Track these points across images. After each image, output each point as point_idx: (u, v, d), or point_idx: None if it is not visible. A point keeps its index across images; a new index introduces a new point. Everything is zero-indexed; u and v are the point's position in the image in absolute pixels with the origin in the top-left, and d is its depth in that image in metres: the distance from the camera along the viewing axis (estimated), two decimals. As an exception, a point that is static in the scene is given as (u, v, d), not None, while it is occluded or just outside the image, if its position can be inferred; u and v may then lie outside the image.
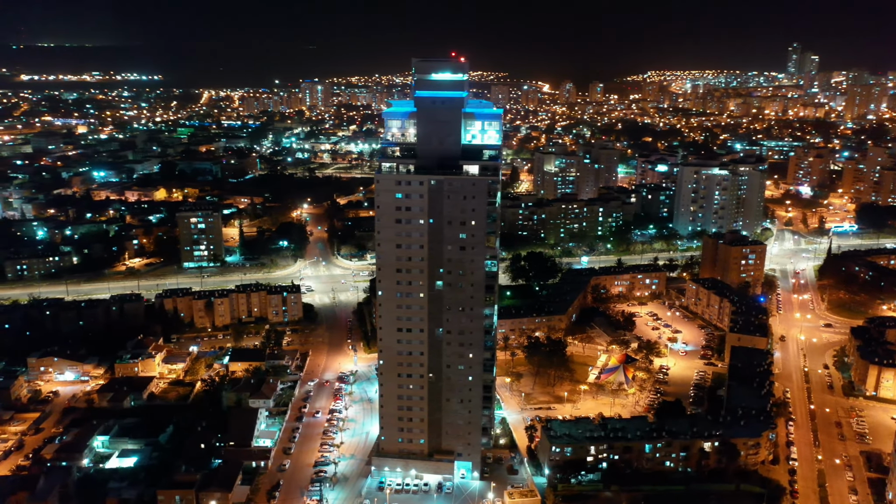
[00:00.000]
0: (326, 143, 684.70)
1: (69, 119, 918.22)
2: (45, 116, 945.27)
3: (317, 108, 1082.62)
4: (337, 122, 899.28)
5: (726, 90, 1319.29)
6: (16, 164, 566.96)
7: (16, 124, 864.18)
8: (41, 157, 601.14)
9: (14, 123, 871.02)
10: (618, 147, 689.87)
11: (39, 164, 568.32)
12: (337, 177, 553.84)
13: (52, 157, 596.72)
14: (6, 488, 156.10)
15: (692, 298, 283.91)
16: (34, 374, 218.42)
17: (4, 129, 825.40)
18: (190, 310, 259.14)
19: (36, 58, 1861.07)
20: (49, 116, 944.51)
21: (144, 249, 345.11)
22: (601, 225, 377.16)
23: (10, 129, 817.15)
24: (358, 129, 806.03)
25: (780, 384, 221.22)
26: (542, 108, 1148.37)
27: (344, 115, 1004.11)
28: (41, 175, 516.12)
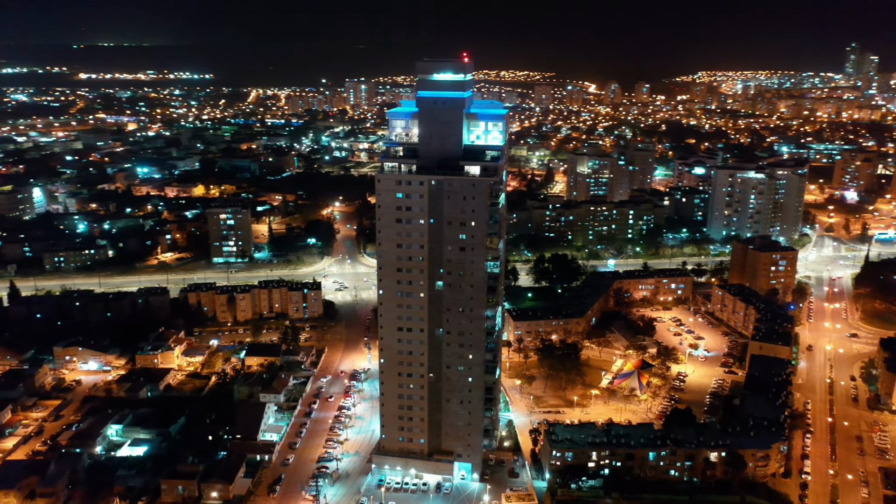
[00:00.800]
0: (365, 141, 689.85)
1: (121, 117, 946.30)
2: (98, 114, 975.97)
3: (360, 107, 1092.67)
4: (378, 122, 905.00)
5: (778, 91, 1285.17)
6: (66, 159, 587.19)
7: (70, 121, 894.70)
8: (90, 153, 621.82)
9: (69, 120, 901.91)
10: (659, 149, 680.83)
11: (88, 159, 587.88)
12: (371, 175, 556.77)
13: (100, 154, 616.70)
14: (18, 472, 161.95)
15: (718, 304, 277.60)
16: (59, 362, 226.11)
17: (60, 125, 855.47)
18: (213, 304, 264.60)
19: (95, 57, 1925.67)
20: (102, 114, 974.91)
21: (177, 244, 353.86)
22: (631, 228, 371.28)
23: (64, 126, 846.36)
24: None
25: (802, 395, 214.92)
26: (586, 108, 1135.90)
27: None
28: (88, 171, 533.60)
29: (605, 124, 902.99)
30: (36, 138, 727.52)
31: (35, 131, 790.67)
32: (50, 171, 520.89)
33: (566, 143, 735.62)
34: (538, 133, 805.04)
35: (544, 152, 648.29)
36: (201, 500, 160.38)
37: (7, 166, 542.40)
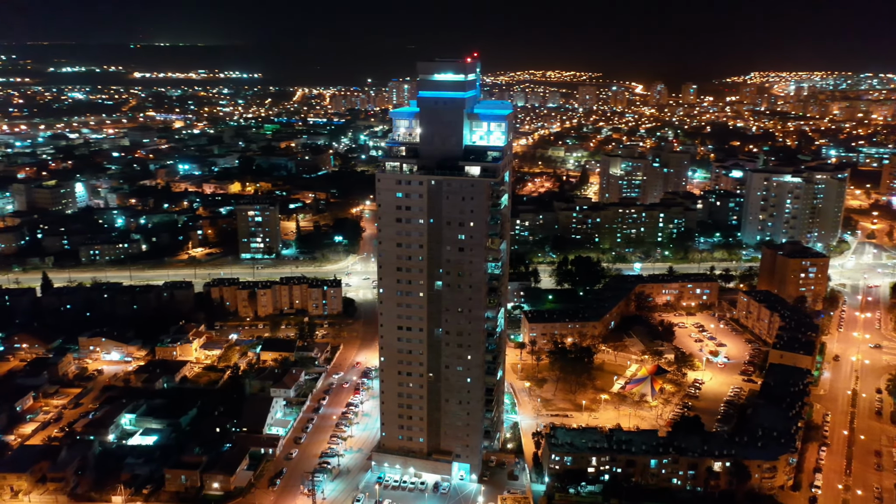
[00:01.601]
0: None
1: (170, 115, 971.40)
2: (149, 112, 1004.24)
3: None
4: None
5: (832, 93, 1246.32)
6: (113, 155, 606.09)
7: (121, 119, 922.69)
8: (136, 149, 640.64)
9: (120, 118, 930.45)
10: (701, 151, 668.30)
11: (133, 156, 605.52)
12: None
13: (145, 150, 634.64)
14: (32, 457, 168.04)
15: (743, 311, 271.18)
16: (84, 352, 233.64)
17: (111, 123, 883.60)
18: (234, 299, 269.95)
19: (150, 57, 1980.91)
20: (152, 112, 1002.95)
21: (208, 240, 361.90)
22: (661, 231, 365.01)
23: (115, 123, 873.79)
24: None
25: (823, 406, 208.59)
26: (630, 109, 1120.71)
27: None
28: (132, 167, 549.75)
29: (648, 125, 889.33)
30: (87, 135, 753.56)
31: (87, 128, 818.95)
32: (96, 166, 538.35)
33: (606, 144, 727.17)
34: (578, 134, 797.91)
35: (582, 153, 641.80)
36: (203, 491, 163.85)
37: (57, 162, 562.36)
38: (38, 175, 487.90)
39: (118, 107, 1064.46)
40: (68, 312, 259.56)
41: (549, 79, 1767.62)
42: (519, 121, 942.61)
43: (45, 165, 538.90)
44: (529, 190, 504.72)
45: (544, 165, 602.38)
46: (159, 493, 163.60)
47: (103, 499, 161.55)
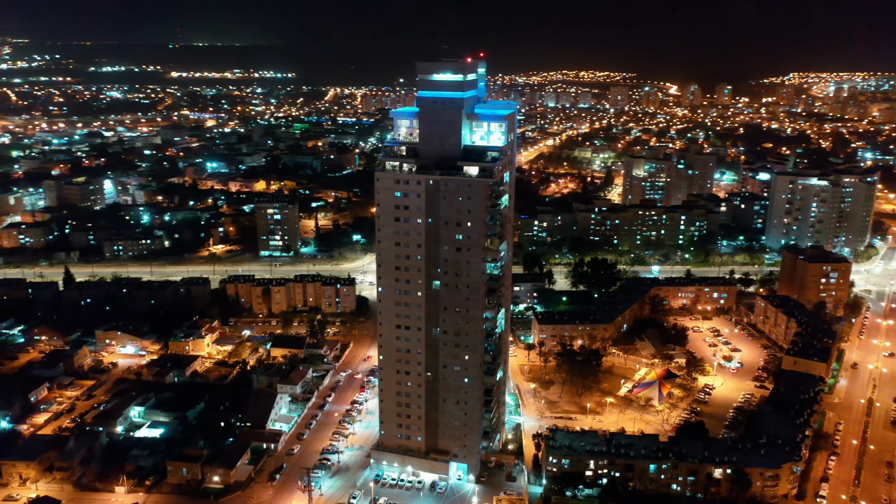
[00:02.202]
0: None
1: (203, 113, 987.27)
2: (183, 111, 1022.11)
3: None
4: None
5: (873, 94, 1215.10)
6: (144, 153, 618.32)
7: (156, 118, 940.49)
8: (168, 147, 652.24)
9: (155, 117, 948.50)
10: (732, 153, 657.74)
11: (164, 154, 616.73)
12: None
13: (176, 148, 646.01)
14: (41, 446, 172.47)
15: (760, 316, 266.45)
16: (100, 345, 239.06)
17: (146, 121, 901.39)
18: (249, 296, 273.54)
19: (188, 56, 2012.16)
20: (186, 111, 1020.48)
21: (229, 237, 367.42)
22: (682, 234, 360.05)
23: (150, 122, 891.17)
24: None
25: (836, 415, 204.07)
26: (662, 110, 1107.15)
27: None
28: (162, 164, 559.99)
29: (679, 127, 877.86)
30: (122, 133, 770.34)
31: (123, 126, 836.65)
32: (127, 164, 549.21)
33: (634, 145, 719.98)
34: (606, 135, 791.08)
35: (609, 154, 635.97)
36: (204, 484, 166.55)
37: (90, 159, 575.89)
38: (71, 172, 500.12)
39: (154, 105, 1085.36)
40: (88, 306, 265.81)
41: (581, 79, 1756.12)
42: (548, 121, 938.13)
43: (79, 163, 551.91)
44: (553, 191, 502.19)
45: (570, 166, 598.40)
46: (161, 485, 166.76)
47: (107, 489, 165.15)
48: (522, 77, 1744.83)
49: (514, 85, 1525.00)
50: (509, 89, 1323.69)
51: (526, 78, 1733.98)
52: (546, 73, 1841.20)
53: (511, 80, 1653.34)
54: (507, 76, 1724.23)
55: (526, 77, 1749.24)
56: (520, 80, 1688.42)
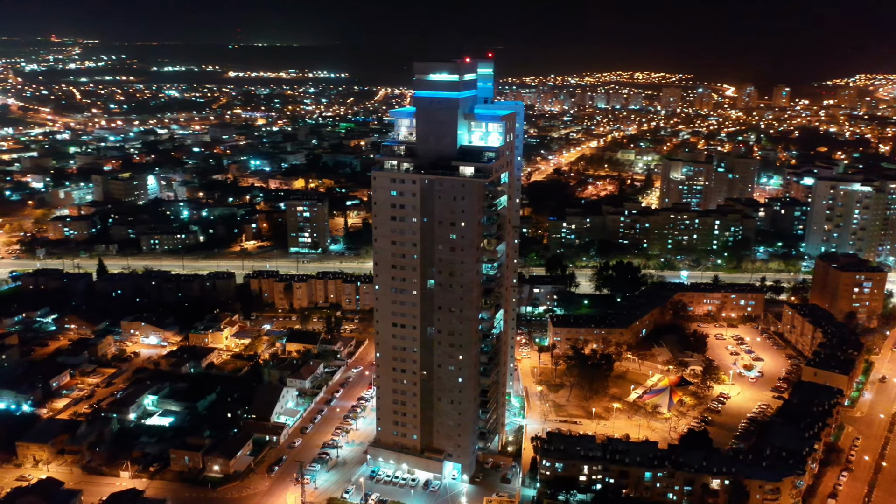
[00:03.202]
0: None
1: (255, 112, 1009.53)
2: (236, 109, 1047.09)
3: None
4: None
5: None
6: (193, 150, 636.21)
7: (210, 116, 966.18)
8: (216, 145, 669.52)
9: (209, 115, 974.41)
10: (783, 157, 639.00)
11: (212, 151, 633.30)
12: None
13: (224, 146, 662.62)
14: (55, 430, 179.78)
15: (788, 325, 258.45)
16: (125, 335, 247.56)
17: (199, 119, 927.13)
18: (272, 291, 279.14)
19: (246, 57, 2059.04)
20: (239, 109, 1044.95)
21: (261, 233, 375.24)
22: (716, 239, 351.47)
23: (203, 120, 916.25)
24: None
25: (855, 429, 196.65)
26: (716, 112, 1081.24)
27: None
28: (208, 162, 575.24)
29: (731, 129, 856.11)
30: (175, 131, 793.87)
31: (176, 124, 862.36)
32: (174, 161, 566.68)
33: (682, 148, 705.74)
34: (654, 137, 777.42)
35: (653, 157, 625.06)
36: (204, 472, 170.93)
37: (141, 155, 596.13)
38: (122, 168, 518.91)
39: (209, 104, 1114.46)
40: (118, 297, 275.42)
41: (636, 80, 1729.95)
42: (595, 123, 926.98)
43: (130, 159, 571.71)
44: (590, 193, 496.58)
45: (611, 168, 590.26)
46: (164, 471, 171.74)
47: (113, 473, 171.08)
48: (575, 78, 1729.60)
49: (565, 86, 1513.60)
50: (558, 90, 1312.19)
51: (579, 79, 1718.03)
52: (600, 73, 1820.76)
53: (563, 81, 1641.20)
54: (559, 77, 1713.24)
55: (579, 78, 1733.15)
56: (572, 80, 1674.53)
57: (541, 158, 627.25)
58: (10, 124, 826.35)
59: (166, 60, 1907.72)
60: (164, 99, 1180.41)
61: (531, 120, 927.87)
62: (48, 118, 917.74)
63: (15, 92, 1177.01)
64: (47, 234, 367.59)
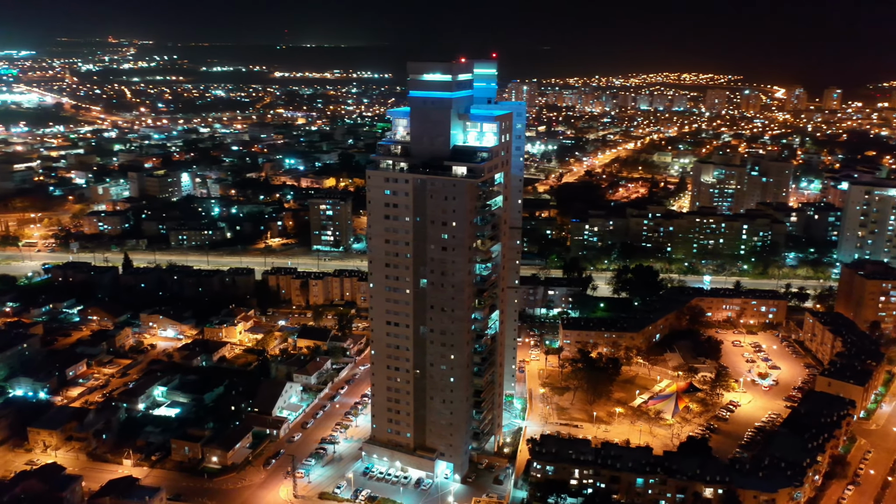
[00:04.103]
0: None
1: (297, 112, 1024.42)
2: (278, 109, 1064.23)
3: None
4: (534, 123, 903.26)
5: None
6: (232, 149, 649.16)
7: (252, 115, 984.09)
8: (255, 144, 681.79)
9: (251, 115, 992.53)
10: (827, 160, 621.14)
11: (250, 150, 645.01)
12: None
13: (262, 145, 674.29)
14: (65, 417, 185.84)
15: (808, 333, 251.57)
16: (144, 327, 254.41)
17: (242, 119, 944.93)
18: (289, 288, 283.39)
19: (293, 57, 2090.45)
20: (281, 109, 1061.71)
21: (287, 231, 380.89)
22: (744, 244, 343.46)
23: (245, 119, 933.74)
24: (548, 130, 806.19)
25: (868, 442, 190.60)
26: (762, 114, 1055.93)
27: (544, 115, 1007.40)
28: (245, 160, 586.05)
29: (776, 132, 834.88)
30: (217, 130, 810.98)
31: (219, 123, 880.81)
32: (211, 159, 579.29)
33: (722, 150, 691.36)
34: (694, 139, 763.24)
35: (690, 159, 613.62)
36: (203, 463, 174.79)
37: (181, 153, 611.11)
38: (162, 165, 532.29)
39: (253, 104, 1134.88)
40: (141, 290, 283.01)
41: (682, 81, 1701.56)
42: (634, 125, 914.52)
43: (170, 157, 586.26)
44: (620, 195, 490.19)
45: (646, 171, 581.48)
46: (165, 461, 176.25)
47: (116, 461, 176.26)
48: (620, 79, 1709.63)
49: (609, 87, 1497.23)
50: (602, 91, 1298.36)
51: (624, 80, 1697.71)
52: (646, 75, 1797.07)
53: (608, 82, 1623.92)
54: (604, 78, 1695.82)
55: (624, 79, 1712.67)
56: (617, 82, 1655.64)
57: (574, 160, 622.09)
58: (62, 122, 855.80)
59: (215, 61, 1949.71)
60: (210, 98, 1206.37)
61: (569, 121, 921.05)
62: (98, 117, 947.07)
63: (70, 91, 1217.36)
64: (83, 229, 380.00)
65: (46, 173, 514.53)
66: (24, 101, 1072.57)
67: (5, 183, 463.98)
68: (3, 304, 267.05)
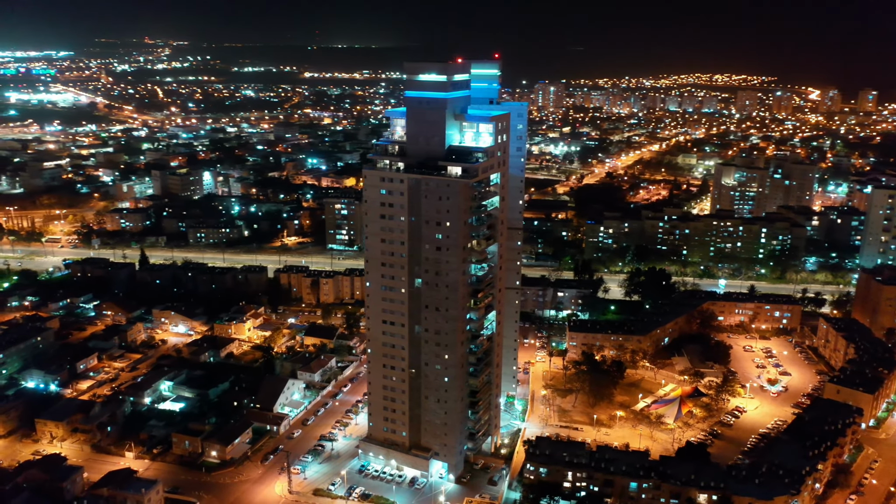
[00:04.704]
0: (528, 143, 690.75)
1: (323, 112, 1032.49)
2: (306, 109, 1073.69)
3: (546, 108, 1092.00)
4: (558, 124, 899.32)
5: None
6: (257, 148, 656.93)
7: (279, 115, 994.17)
8: (279, 143, 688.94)
9: (278, 114, 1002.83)
10: (858, 164, 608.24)
11: (274, 149, 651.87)
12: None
13: (286, 144, 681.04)
14: (71, 409, 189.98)
15: (822, 339, 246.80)
16: (156, 323, 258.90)
17: (269, 118, 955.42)
18: (300, 286, 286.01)
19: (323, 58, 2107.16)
20: (309, 109, 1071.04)
21: (303, 230, 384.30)
22: (762, 248, 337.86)
23: (272, 119, 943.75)
24: (572, 131, 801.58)
25: (876, 451, 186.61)
26: (794, 116, 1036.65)
27: (570, 116, 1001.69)
28: (268, 159, 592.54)
29: (806, 134, 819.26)
30: (244, 129, 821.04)
31: (246, 123, 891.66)
32: (236, 158, 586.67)
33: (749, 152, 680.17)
34: (721, 141, 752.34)
35: (715, 161, 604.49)
36: (202, 457, 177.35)
37: (206, 152, 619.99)
38: (187, 164, 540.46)
39: (281, 104, 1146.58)
40: (157, 287, 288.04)
41: (714, 83, 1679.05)
42: (661, 126, 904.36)
43: (195, 156, 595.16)
44: (641, 197, 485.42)
45: (668, 173, 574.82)
46: (166, 454, 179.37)
47: (119, 453, 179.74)
48: (651, 80, 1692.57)
49: (639, 88, 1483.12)
50: (631, 92, 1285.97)
51: (654, 81, 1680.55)
52: (677, 76, 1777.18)
53: (638, 83, 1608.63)
54: (633, 79, 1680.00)
55: (654, 80, 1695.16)
56: (647, 83, 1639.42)
57: (596, 161, 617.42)
58: (95, 121, 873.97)
59: (247, 61, 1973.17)
60: (240, 98, 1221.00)
61: (595, 122, 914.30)
62: (130, 116, 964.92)
63: (104, 91, 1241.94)
64: (105, 226, 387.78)
65: (75, 171, 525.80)
66: (59, 100, 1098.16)
67: (35, 180, 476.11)
68: (22, 299, 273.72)
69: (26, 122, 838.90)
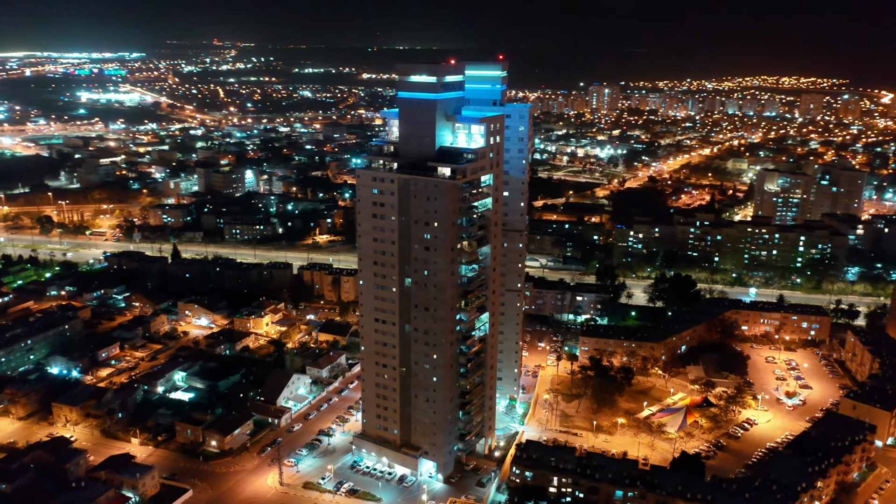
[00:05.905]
0: (574, 145, 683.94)
1: (377, 113, 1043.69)
2: (360, 109, 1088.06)
3: (600, 110, 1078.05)
4: (607, 127, 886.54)
5: None
6: (305, 148, 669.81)
7: (332, 116, 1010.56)
8: (328, 143, 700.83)
9: (332, 115, 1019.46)
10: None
11: (322, 149, 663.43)
12: (559, 179, 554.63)
13: (333, 144, 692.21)
14: (86, 395, 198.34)
15: (850, 353, 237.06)
16: (180, 315, 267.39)
17: (322, 118, 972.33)
18: (322, 283, 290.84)
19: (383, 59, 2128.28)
20: (363, 110, 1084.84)
21: (336, 228, 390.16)
22: (800, 256, 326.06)
23: (326, 119, 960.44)
24: (621, 134, 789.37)
25: (890, 471, 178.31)
26: (861, 121, 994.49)
27: (623, 119, 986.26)
28: (314, 159, 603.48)
29: (871, 140, 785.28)
30: (297, 129, 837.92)
31: (299, 123, 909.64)
32: (284, 157, 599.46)
33: (807, 157, 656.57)
34: (778, 146, 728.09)
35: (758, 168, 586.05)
36: (203, 446, 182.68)
37: (255, 151, 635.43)
38: (237, 162, 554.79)
39: (337, 104, 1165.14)
40: (186, 280, 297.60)
41: (781, 85, 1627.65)
42: (716, 129, 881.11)
43: (245, 154, 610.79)
44: (683, 202, 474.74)
45: (716, 178, 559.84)
46: (170, 442, 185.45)
47: (125, 439, 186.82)
48: (713, 82, 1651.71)
49: (700, 90, 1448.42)
50: (689, 95, 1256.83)
51: (717, 83, 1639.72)
52: (741, 78, 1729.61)
53: (699, 86, 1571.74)
54: (695, 81, 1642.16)
55: (717, 83, 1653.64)
56: (709, 85, 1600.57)
57: (642, 165, 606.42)
58: (157, 120, 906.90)
59: (308, 62, 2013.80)
60: (297, 98, 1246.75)
61: (647, 125, 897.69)
62: (191, 115, 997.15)
63: (169, 91, 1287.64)
64: (148, 220, 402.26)
65: (129, 167, 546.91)
66: (126, 99, 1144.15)
67: (90, 176, 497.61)
68: (61, 288, 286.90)
69: (93, 121, 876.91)
